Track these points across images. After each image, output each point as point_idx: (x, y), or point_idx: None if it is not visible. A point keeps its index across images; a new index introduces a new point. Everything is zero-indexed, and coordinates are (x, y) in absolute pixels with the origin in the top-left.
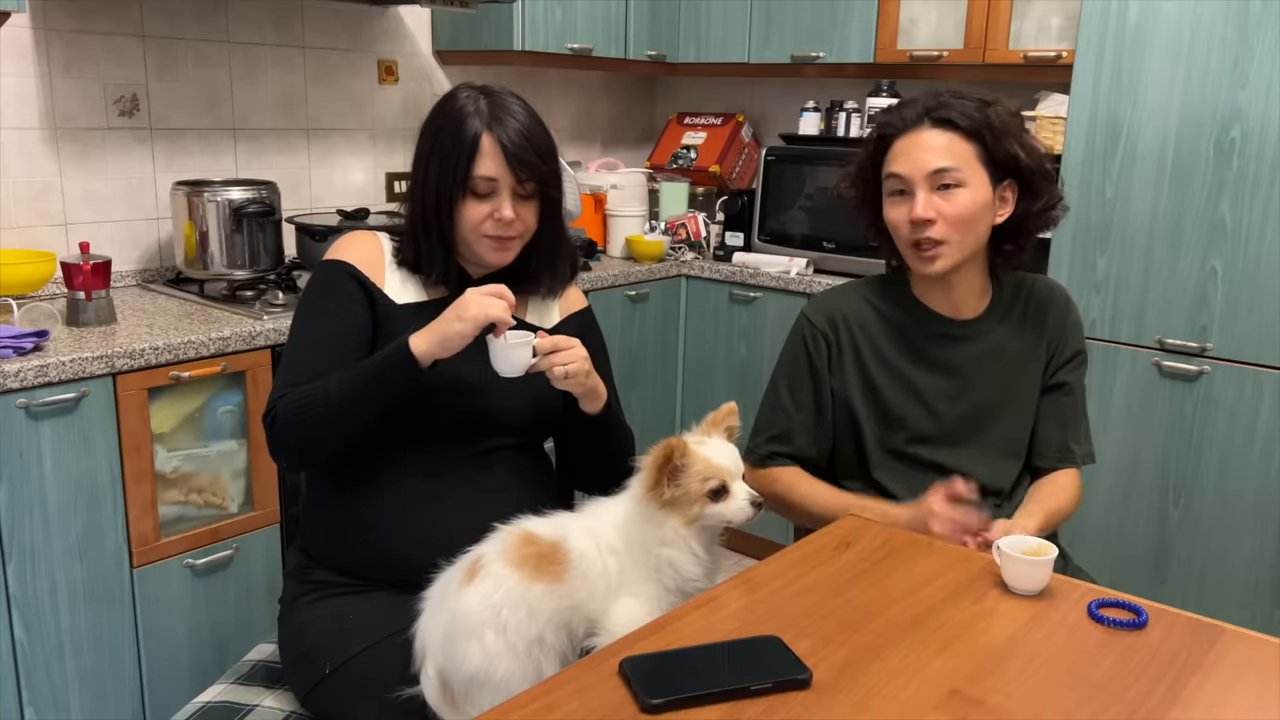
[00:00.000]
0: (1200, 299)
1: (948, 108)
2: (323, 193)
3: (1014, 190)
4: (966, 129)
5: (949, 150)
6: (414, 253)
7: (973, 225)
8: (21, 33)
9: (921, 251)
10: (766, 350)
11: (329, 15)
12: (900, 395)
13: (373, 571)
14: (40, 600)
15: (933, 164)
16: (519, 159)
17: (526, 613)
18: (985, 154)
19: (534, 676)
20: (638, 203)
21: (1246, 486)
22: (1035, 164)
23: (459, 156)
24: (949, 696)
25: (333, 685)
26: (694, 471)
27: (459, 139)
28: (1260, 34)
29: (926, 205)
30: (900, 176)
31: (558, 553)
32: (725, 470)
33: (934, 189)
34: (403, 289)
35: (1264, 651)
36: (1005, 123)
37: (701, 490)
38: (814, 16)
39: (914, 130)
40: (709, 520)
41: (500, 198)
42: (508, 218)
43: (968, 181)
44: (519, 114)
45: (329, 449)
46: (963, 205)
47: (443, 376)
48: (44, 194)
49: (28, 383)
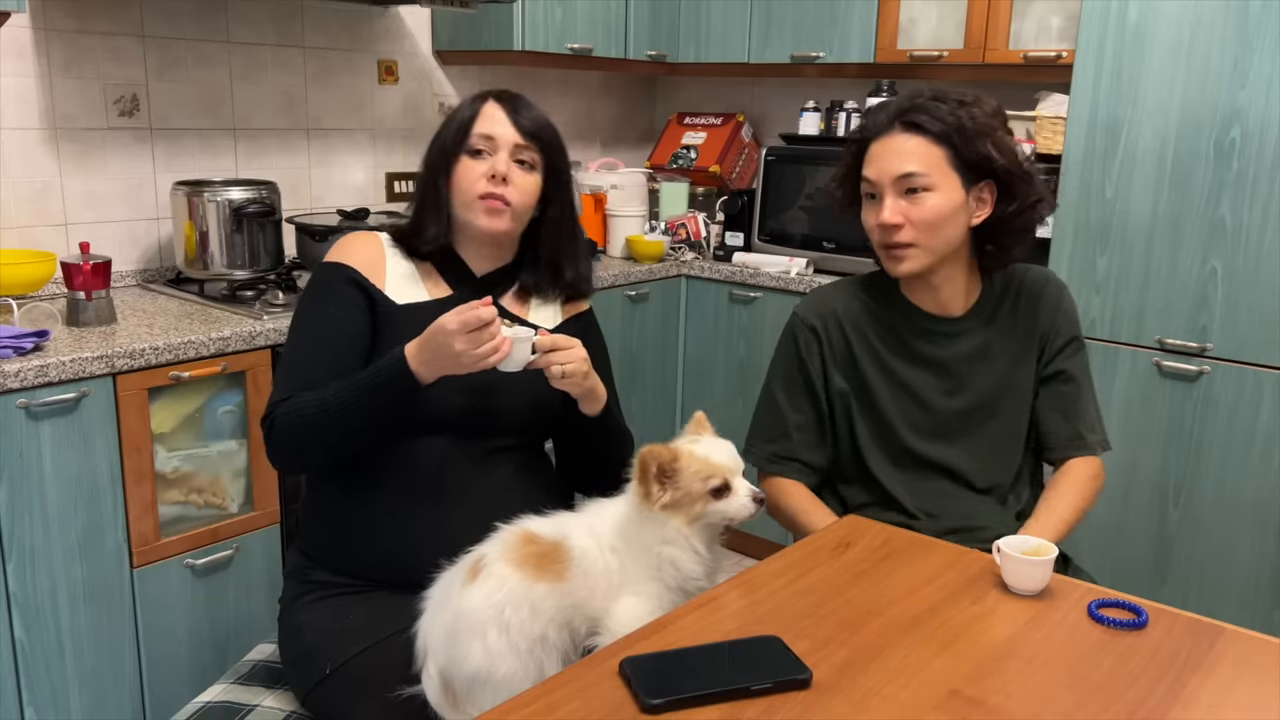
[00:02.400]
0: (1200, 299)
1: (919, 110)
2: (323, 193)
3: (992, 191)
4: (936, 133)
5: (917, 155)
6: (415, 234)
7: (941, 228)
8: (21, 33)
9: (890, 252)
10: (766, 350)
11: (329, 15)
12: (892, 392)
13: (373, 572)
14: (40, 600)
15: (899, 169)
16: (519, 120)
17: (529, 612)
18: (956, 157)
19: (536, 676)
20: (638, 203)
21: (1246, 486)
22: (1011, 165)
23: (460, 120)
24: (949, 696)
25: (333, 685)
26: (693, 472)
27: (462, 108)
28: (1260, 34)
29: (893, 210)
30: (871, 181)
31: (559, 551)
32: (725, 468)
33: (901, 193)
34: (404, 289)
35: (1264, 651)
36: (980, 124)
37: (704, 489)
38: (814, 16)
39: (886, 135)
40: (712, 518)
41: (496, 157)
42: (501, 170)
43: (936, 185)
44: (526, 99)
45: (327, 456)
46: (930, 209)
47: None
48: (44, 194)
49: (28, 383)
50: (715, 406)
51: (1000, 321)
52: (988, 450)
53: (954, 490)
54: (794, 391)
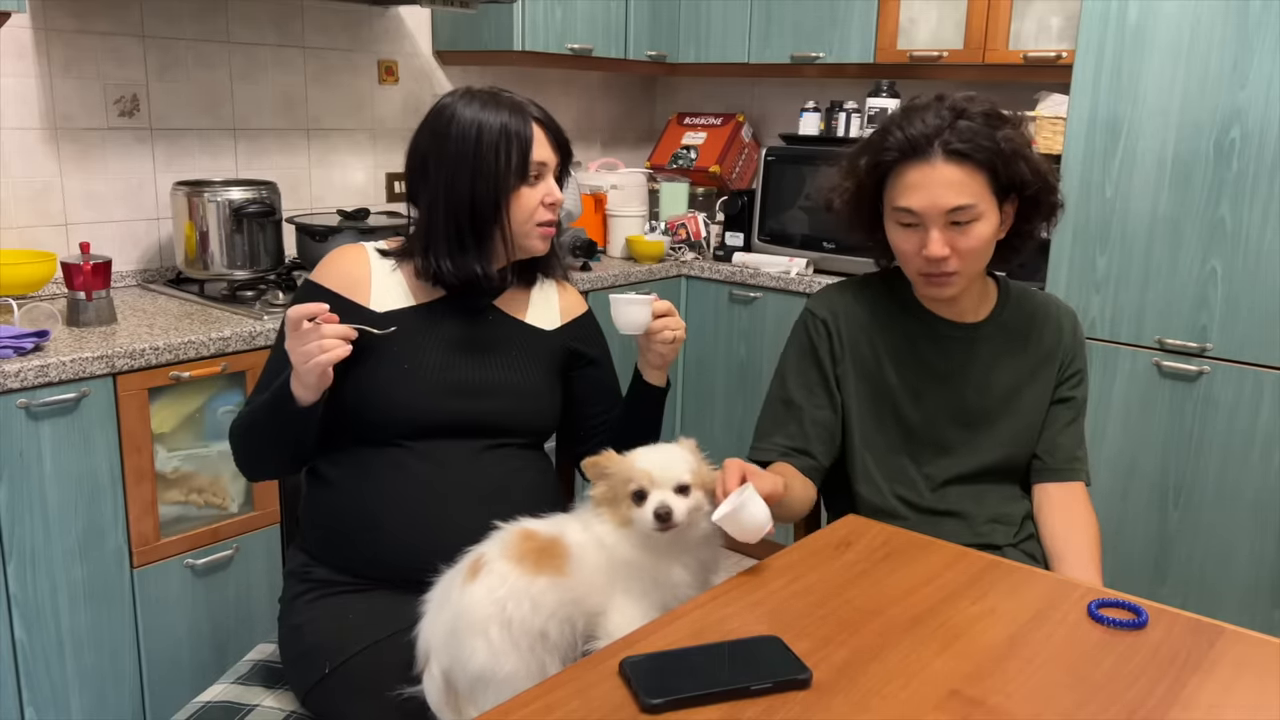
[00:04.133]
0: (1200, 299)
1: (960, 136)
2: (323, 193)
3: (1014, 204)
4: (980, 161)
5: (967, 186)
6: (435, 266)
7: (985, 254)
8: (21, 33)
9: (931, 279)
10: (766, 350)
11: (329, 15)
12: (899, 393)
13: (373, 571)
14: (40, 600)
15: (950, 202)
16: (558, 140)
17: (530, 606)
18: (995, 181)
19: (538, 675)
20: (638, 203)
21: (1246, 487)
22: (1042, 182)
23: (514, 147)
24: (949, 696)
25: (332, 685)
26: (621, 477)
27: (511, 131)
28: (1260, 34)
29: (941, 243)
30: (914, 211)
31: (557, 546)
32: (645, 474)
33: (948, 224)
34: (390, 298)
35: (1264, 651)
36: (1015, 145)
37: (625, 492)
38: (814, 16)
39: (925, 161)
40: (638, 525)
41: (547, 181)
42: (560, 199)
43: (983, 215)
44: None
45: (276, 465)
46: (977, 239)
47: (440, 379)
48: (44, 194)
49: (28, 383)
50: (715, 406)
51: (1016, 333)
52: (990, 459)
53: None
54: (807, 383)
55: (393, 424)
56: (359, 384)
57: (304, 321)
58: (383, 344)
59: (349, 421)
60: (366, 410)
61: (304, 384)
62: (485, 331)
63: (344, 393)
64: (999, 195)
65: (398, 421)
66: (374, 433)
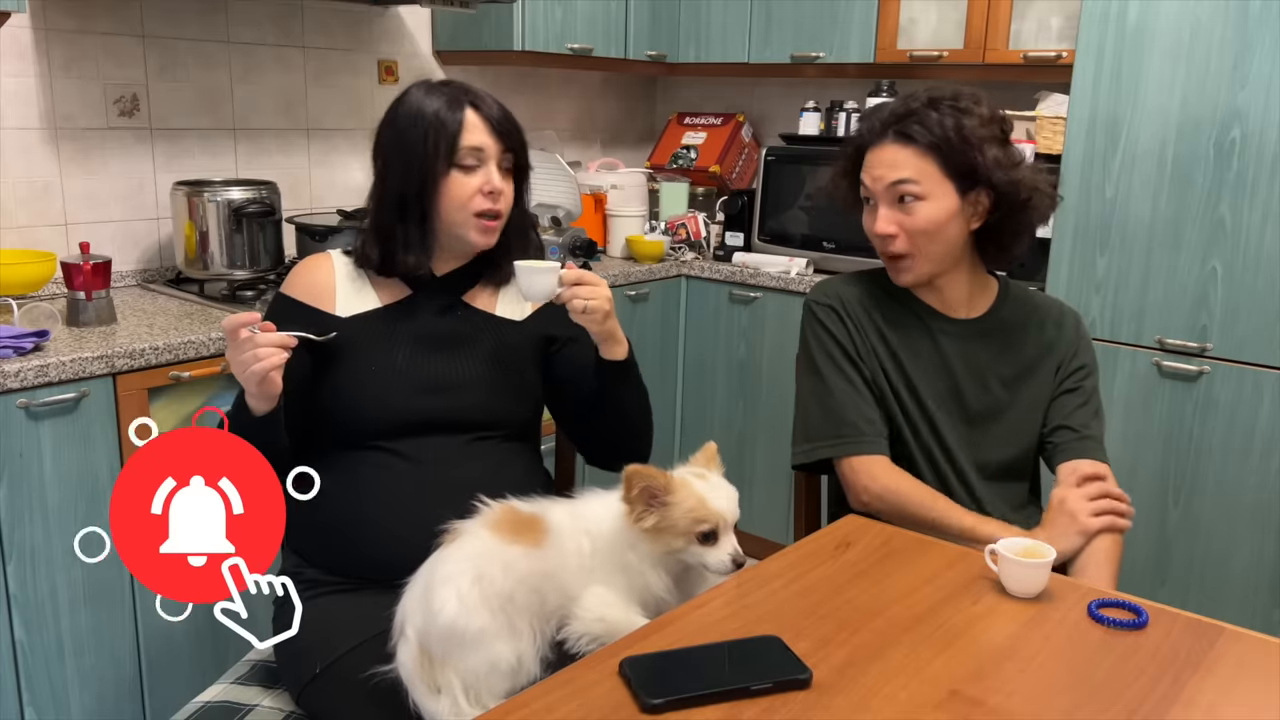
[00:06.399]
0: (1200, 299)
1: (911, 118)
2: (323, 193)
3: (989, 195)
4: (925, 144)
5: (909, 164)
6: (379, 253)
7: (937, 236)
8: (21, 33)
9: (892, 264)
10: (766, 350)
11: (329, 15)
12: (896, 384)
13: (358, 570)
14: (40, 600)
15: (890, 177)
16: (502, 129)
17: (501, 568)
18: (947, 166)
19: (507, 636)
20: (638, 203)
21: (1246, 487)
22: (1003, 174)
23: (441, 133)
24: (949, 696)
25: (323, 684)
26: (686, 509)
27: (440, 117)
28: (1260, 34)
29: (886, 219)
30: (866, 186)
31: (537, 522)
32: (721, 515)
33: (895, 201)
34: (355, 301)
35: (1264, 651)
36: (969, 134)
37: (692, 530)
38: (814, 16)
39: (879, 143)
40: (690, 559)
41: (486, 169)
42: (499, 186)
43: (929, 194)
44: (488, 93)
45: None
46: (923, 218)
47: (409, 377)
48: (44, 194)
49: (28, 383)
50: (715, 407)
51: (1012, 335)
52: (985, 452)
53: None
54: (840, 364)
55: (367, 424)
56: (335, 387)
57: (241, 330)
58: (348, 348)
59: (328, 425)
60: (340, 412)
61: (249, 393)
62: (454, 327)
63: (322, 398)
64: (956, 181)
65: (371, 421)
66: (352, 435)
